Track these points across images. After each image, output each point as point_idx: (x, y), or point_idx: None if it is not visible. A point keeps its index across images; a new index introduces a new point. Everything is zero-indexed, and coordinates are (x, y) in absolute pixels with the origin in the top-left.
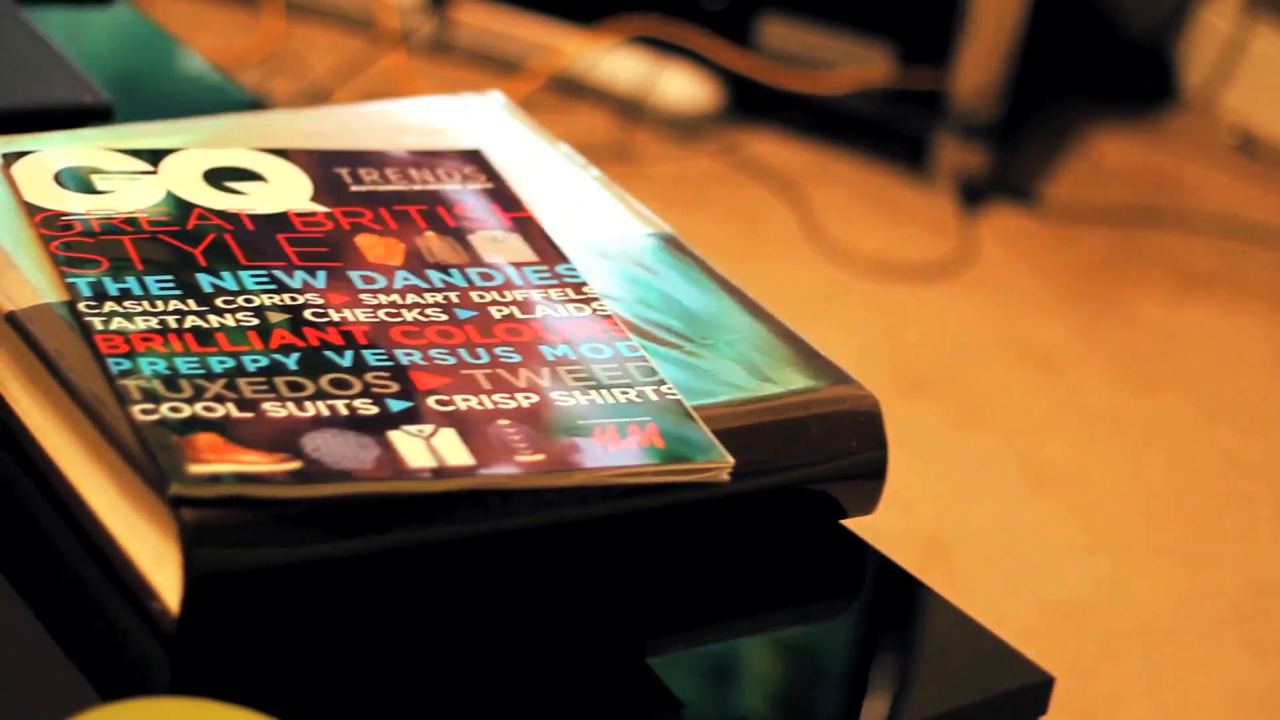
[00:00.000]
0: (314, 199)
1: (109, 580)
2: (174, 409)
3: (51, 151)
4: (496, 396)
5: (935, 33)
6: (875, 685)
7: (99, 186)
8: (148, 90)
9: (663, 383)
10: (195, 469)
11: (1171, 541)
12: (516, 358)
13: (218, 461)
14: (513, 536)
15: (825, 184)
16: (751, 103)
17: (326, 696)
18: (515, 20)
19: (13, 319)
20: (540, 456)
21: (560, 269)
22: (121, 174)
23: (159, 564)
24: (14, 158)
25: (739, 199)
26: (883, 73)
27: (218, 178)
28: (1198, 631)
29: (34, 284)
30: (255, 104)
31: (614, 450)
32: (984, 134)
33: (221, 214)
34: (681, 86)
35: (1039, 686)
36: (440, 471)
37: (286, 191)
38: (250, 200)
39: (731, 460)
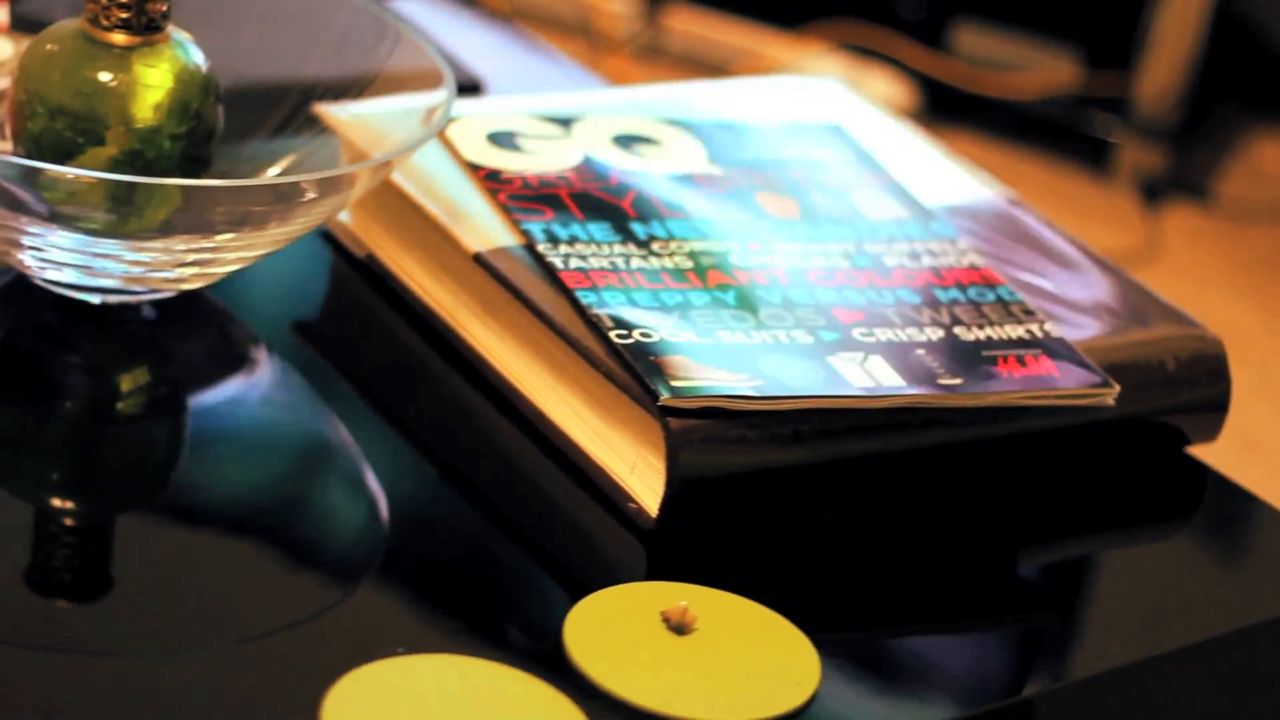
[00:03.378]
0: (710, 162)
1: (578, 486)
2: (644, 334)
3: (477, 118)
4: (908, 330)
5: (1120, 39)
6: (1219, 591)
7: (524, 148)
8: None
9: (1043, 321)
10: (677, 383)
11: None
12: (916, 299)
13: (692, 378)
14: (927, 452)
15: (1015, 182)
16: (945, 105)
17: (778, 578)
18: (723, 26)
19: (480, 259)
20: (959, 380)
21: (933, 225)
22: (540, 138)
23: (632, 470)
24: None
25: None
26: (1069, 77)
27: (623, 142)
28: None
29: (489, 230)
30: (596, 81)
31: (1019, 376)
32: (1164, 136)
33: (636, 173)
34: (880, 89)
35: None
36: (879, 391)
37: (684, 155)
38: (654, 162)
39: (1117, 387)
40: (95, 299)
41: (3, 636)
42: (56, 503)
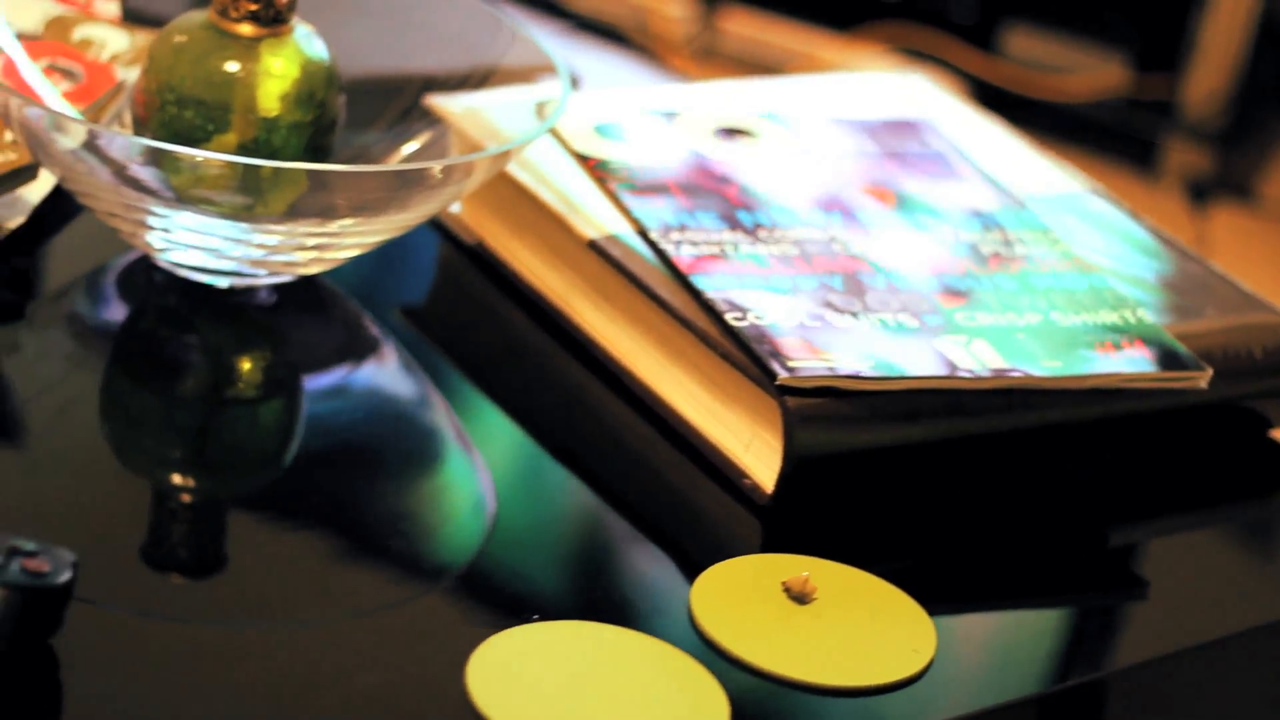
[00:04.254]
0: (808, 154)
1: (691, 464)
2: (757, 317)
3: (584, 110)
4: (1008, 315)
5: (1168, 43)
6: None
7: (630, 139)
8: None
9: (1137, 307)
10: (793, 364)
11: None
12: (1013, 285)
13: (806, 359)
14: (1026, 432)
15: None
16: (996, 106)
17: (887, 550)
18: (777, 28)
19: (595, 245)
20: (1059, 362)
21: (1024, 215)
22: (644, 130)
23: (747, 448)
24: None
25: None
26: (1118, 79)
27: (724, 134)
28: None
29: (601, 218)
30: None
31: (1115, 359)
32: (1211, 138)
33: (738, 164)
34: None
35: None
36: (985, 372)
37: (779, 149)
38: (755, 153)
39: (1210, 370)
40: (220, 282)
41: (151, 609)
42: (178, 480)
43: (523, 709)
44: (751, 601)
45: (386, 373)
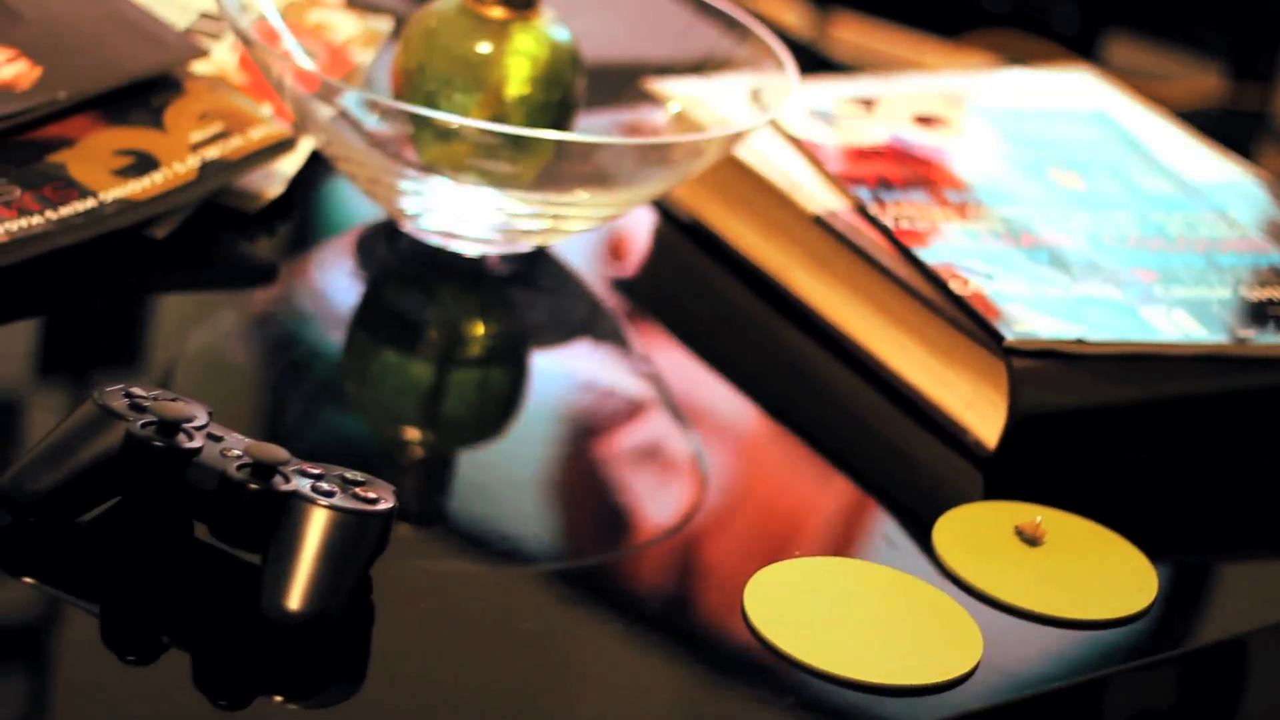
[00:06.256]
0: (1000, 140)
1: (911, 421)
2: (979, 285)
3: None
4: (1199, 288)
5: (1263, 53)
6: None
7: (837, 124)
8: None
9: None
10: (1018, 327)
11: None
12: (1201, 263)
13: (1027, 324)
14: (1217, 396)
15: None
16: None
17: (1097, 500)
18: (887, 35)
19: (819, 220)
20: (1252, 332)
21: (1203, 199)
22: (849, 116)
23: (969, 406)
24: None
25: None
26: (1214, 88)
27: (921, 121)
28: None
29: (820, 196)
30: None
31: None
32: None
33: (938, 148)
34: None
35: None
36: (1190, 339)
37: (975, 133)
38: (952, 138)
39: None
40: (465, 248)
41: (425, 554)
42: (417, 434)
43: (797, 631)
44: (987, 543)
45: (609, 340)
